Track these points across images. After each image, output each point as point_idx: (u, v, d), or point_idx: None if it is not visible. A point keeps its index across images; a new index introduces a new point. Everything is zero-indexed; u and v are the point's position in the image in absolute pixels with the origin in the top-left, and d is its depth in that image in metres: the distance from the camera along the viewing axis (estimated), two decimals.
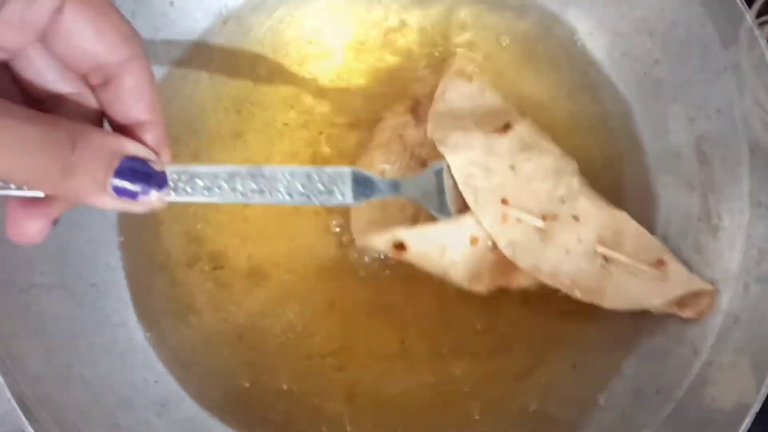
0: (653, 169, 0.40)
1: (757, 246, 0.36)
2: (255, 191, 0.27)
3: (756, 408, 0.33)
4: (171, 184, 0.26)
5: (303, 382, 0.39)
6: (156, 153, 0.26)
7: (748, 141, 0.36)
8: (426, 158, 0.39)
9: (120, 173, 0.24)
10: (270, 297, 0.39)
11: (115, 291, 0.39)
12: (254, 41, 0.43)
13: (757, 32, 0.38)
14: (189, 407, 0.38)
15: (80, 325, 0.37)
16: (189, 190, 0.26)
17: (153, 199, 0.25)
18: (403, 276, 0.38)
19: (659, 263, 0.36)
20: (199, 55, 0.42)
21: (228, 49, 0.43)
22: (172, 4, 0.41)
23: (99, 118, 0.27)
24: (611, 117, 0.42)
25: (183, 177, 0.26)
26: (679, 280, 0.36)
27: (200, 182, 0.27)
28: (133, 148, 0.25)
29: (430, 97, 0.40)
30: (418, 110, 0.40)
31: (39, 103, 0.26)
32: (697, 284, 0.36)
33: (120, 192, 0.24)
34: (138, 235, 0.40)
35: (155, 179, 0.25)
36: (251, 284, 0.40)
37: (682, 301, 0.36)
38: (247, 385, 0.39)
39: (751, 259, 0.36)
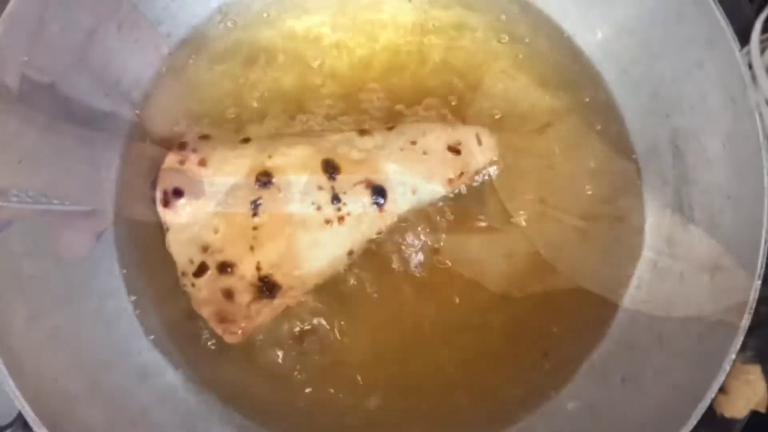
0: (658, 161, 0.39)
1: None
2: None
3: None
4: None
5: (301, 371, 0.38)
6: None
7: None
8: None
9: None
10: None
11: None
12: (254, 35, 0.42)
13: None
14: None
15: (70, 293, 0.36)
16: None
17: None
18: (410, 278, 0.38)
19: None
20: (200, 48, 0.41)
21: (228, 42, 0.42)
22: None
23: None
24: (606, 112, 0.41)
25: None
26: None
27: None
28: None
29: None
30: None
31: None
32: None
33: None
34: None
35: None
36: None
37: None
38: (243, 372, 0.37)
39: None
